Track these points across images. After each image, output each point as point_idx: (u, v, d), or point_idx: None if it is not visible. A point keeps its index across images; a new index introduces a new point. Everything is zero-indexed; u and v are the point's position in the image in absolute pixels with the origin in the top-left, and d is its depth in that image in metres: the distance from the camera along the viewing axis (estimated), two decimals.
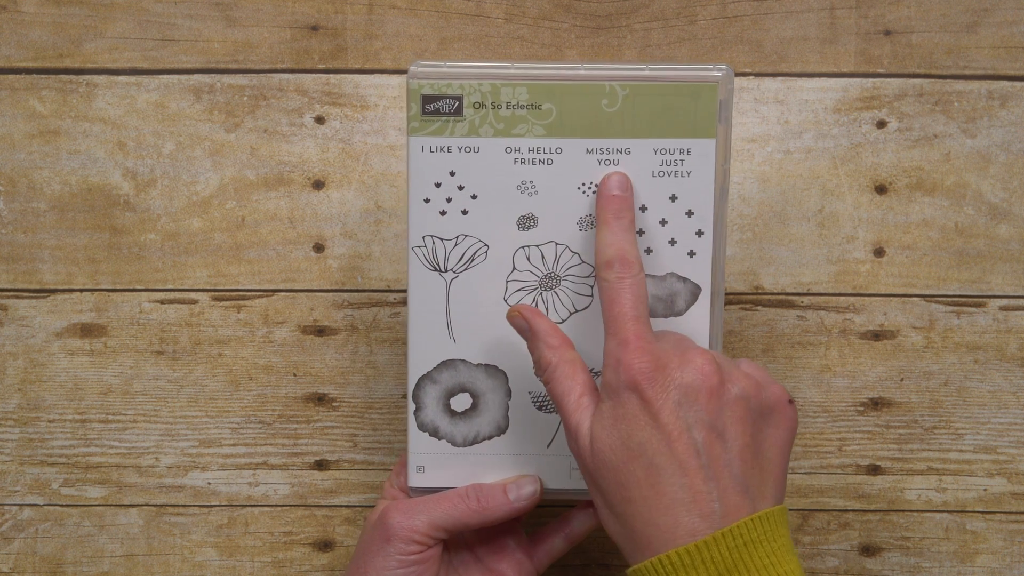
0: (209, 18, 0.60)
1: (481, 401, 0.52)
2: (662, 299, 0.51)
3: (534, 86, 0.49)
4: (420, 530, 0.49)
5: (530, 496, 0.51)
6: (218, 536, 0.62)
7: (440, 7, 0.60)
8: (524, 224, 0.50)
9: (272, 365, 0.61)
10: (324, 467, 0.62)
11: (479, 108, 0.49)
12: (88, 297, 0.61)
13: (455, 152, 0.50)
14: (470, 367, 0.51)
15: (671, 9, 0.60)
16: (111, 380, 0.61)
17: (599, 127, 0.49)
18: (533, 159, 0.50)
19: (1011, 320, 0.60)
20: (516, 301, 0.51)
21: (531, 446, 0.52)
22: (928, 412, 0.61)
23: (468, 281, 0.51)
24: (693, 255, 0.50)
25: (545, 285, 0.51)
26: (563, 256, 0.51)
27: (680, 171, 0.50)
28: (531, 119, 0.49)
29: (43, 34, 0.60)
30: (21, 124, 0.60)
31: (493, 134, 0.50)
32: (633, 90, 0.49)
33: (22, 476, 0.62)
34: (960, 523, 0.61)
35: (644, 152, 0.50)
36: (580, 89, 0.49)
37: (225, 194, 0.60)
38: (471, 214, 0.50)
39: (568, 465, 0.52)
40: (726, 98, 0.49)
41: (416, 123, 0.50)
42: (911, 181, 0.60)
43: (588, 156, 0.50)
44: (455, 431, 0.52)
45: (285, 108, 0.60)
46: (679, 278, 0.51)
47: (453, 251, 0.51)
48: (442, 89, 0.49)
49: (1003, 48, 0.60)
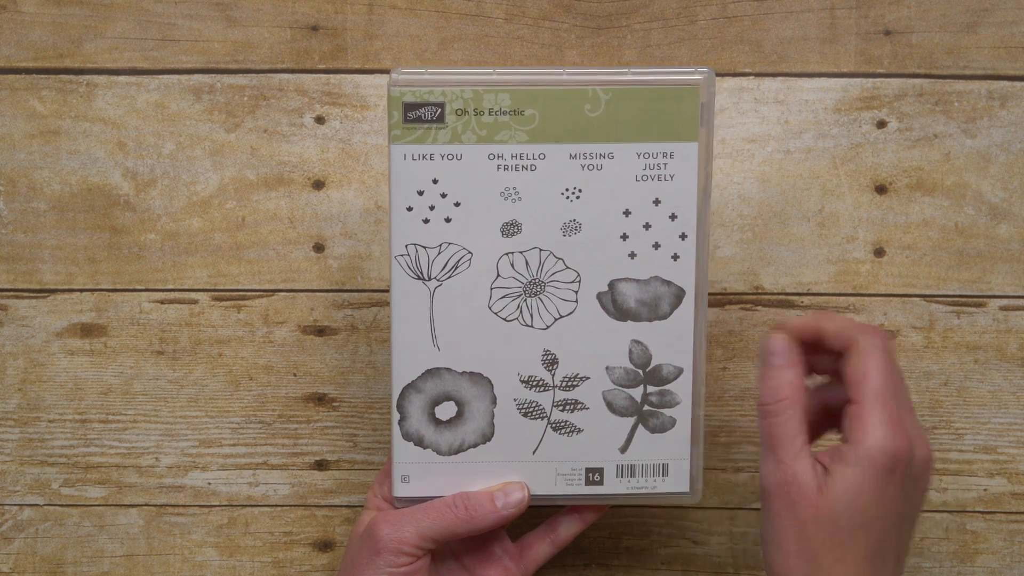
0: (209, 18, 0.60)
1: (466, 409, 0.52)
2: (646, 303, 0.51)
3: (516, 92, 0.49)
4: (409, 541, 0.49)
5: (517, 503, 0.51)
6: (218, 536, 0.62)
7: (440, 7, 0.60)
8: (508, 231, 0.50)
9: (272, 365, 0.61)
10: (324, 467, 0.62)
11: (461, 115, 0.49)
12: (88, 297, 0.61)
13: (438, 159, 0.50)
14: (455, 375, 0.51)
15: (671, 9, 0.60)
16: (111, 380, 0.61)
17: (582, 132, 0.49)
18: (516, 165, 0.50)
19: (1011, 320, 0.60)
20: (501, 308, 0.51)
21: (517, 453, 0.52)
22: (928, 412, 0.61)
23: (452, 289, 0.51)
24: (677, 258, 0.50)
25: (530, 291, 0.51)
26: (547, 262, 0.51)
27: (663, 174, 0.50)
28: (514, 125, 0.49)
29: (43, 34, 0.60)
30: (21, 124, 0.60)
31: (476, 141, 0.49)
32: (615, 95, 0.49)
33: (22, 476, 0.62)
34: (960, 523, 0.61)
35: (627, 156, 0.50)
36: (562, 94, 0.49)
37: (225, 194, 0.60)
38: (454, 221, 0.50)
39: (554, 471, 0.52)
40: (708, 101, 0.49)
41: (398, 131, 0.49)
42: (911, 181, 0.60)
43: (571, 161, 0.50)
44: (440, 440, 0.52)
45: (285, 108, 0.60)
46: (663, 281, 0.51)
47: (437, 259, 0.50)
48: (424, 96, 0.49)
49: (1003, 48, 0.60)
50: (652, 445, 0.52)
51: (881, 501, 0.46)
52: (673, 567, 0.62)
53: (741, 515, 0.62)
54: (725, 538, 0.62)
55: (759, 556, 0.62)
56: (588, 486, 0.52)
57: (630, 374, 0.51)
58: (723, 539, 0.62)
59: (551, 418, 0.52)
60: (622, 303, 0.51)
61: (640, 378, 0.51)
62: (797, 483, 0.46)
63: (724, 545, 0.62)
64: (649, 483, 0.52)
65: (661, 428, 0.52)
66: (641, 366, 0.51)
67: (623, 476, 0.52)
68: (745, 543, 0.62)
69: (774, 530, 0.46)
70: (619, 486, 0.52)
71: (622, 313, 0.51)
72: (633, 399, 0.52)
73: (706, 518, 0.62)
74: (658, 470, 0.52)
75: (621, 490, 0.52)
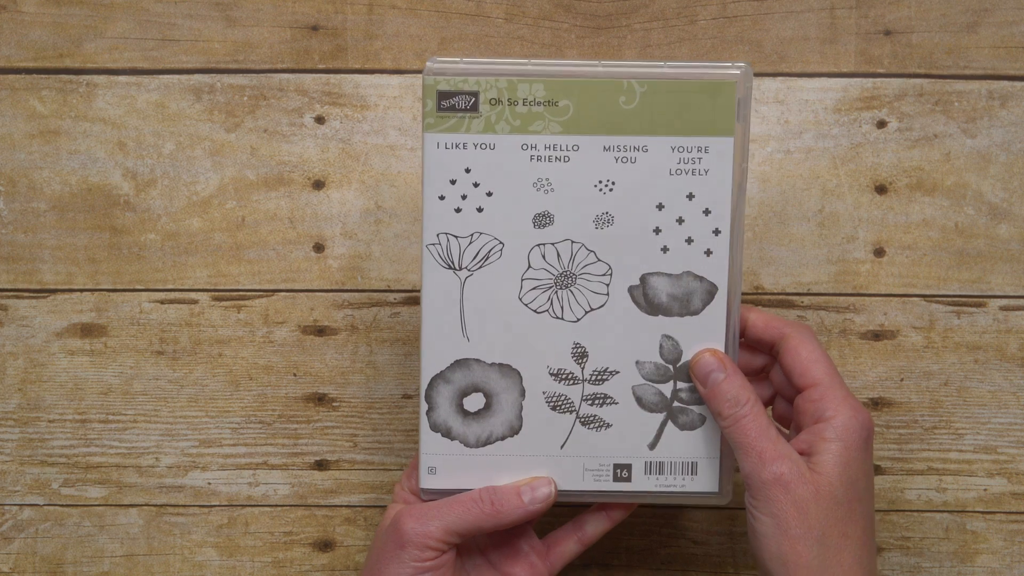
0: (209, 18, 0.60)
1: (494, 401, 0.51)
2: (678, 298, 0.50)
3: (551, 83, 0.49)
4: (434, 535, 0.49)
5: (545, 498, 0.50)
6: (218, 536, 0.62)
7: (440, 7, 0.60)
8: (540, 222, 0.50)
9: (272, 365, 0.61)
10: (324, 467, 0.62)
11: (495, 104, 0.49)
12: (88, 297, 0.61)
13: (471, 149, 0.49)
14: (484, 366, 0.51)
15: (671, 9, 0.60)
16: (111, 380, 0.61)
17: (616, 124, 0.49)
18: (549, 156, 0.49)
19: (1011, 320, 0.60)
20: (531, 300, 0.51)
21: (545, 447, 0.51)
22: (928, 412, 0.61)
23: (483, 279, 0.50)
24: (710, 254, 0.50)
25: (560, 283, 0.51)
26: (579, 254, 0.50)
27: (698, 169, 0.49)
28: (548, 116, 0.49)
29: (43, 34, 0.60)
30: (21, 124, 0.60)
31: (509, 131, 0.49)
32: (651, 87, 0.49)
33: (22, 476, 0.62)
34: (960, 523, 0.61)
35: (661, 150, 0.49)
36: (598, 86, 0.49)
37: (225, 194, 0.60)
38: (486, 211, 0.50)
39: (582, 466, 0.52)
40: (744, 96, 0.49)
41: (432, 119, 0.49)
42: (911, 181, 0.60)
43: (605, 153, 0.49)
44: (468, 431, 0.51)
45: (285, 108, 0.60)
46: (695, 277, 0.50)
47: (468, 249, 0.50)
48: (458, 85, 0.49)
49: (1003, 48, 0.60)
50: (682, 442, 0.51)
51: (865, 473, 0.47)
52: (673, 567, 0.62)
53: (741, 515, 0.62)
54: (725, 538, 0.62)
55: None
56: (616, 482, 0.52)
57: (660, 369, 0.51)
58: (723, 539, 0.62)
59: (580, 412, 0.51)
60: (653, 297, 0.51)
61: (671, 374, 0.51)
62: (789, 467, 0.47)
63: (724, 545, 0.62)
64: (678, 481, 0.52)
65: (691, 425, 0.51)
66: (672, 361, 0.51)
67: (651, 473, 0.52)
68: (745, 543, 0.62)
69: (773, 520, 0.46)
70: (647, 483, 0.52)
71: (653, 307, 0.51)
72: (663, 395, 0.51)
73: (706, 518, 0.62)
74: (687, 468, 0.52)
75: (649, 487, 0.52)
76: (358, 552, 0.62)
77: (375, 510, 0.62)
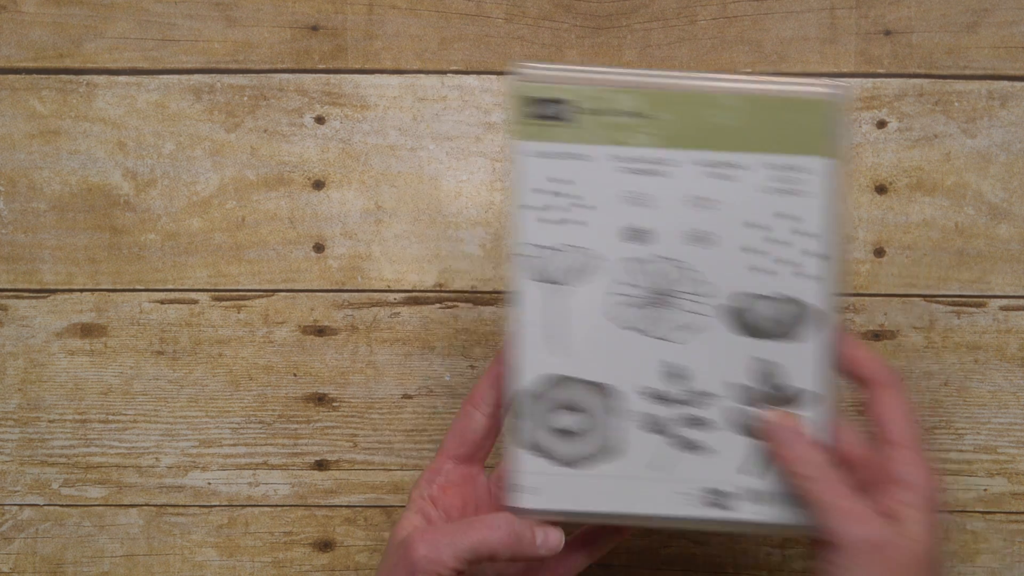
0: (209, 18, 0.60)
1: (584, 419, 0.49)
2: (774, 320, 0.48)
3: (646, 94, 0.47)
4: (447, 564, 0.47)
5: (554, 546, 0.49)
6: (218, 536, 0.62)
7: (440, 7, 0.60)
8: (632, 236, 0.48)
9: (272, 365, 0.61)
10: (324, 467, 0.62)
11: (588, 114, 0.47)
12: (88, 297, 0.61)
13: (561, 158, 0.48)
14: (573, 383, 0.49)
15: (671, 9, 0.60)
16: (111, 380, 0.61)
17: (712, 139, 0.47)
18: (642, 169, 0.48)
19: (1011, 320, 0.60)
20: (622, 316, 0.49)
21: (634, 468, 0.49)
22: (928, 412, 0.61)
23: (573, 293, 0.48)
24: (810, 278, 0.48)
25: (653, 301, 0.49)
26: (672, 272, 0.48)
27: (794, 188, 0.47)
28: (641, 128, 0.47)
29: (43, 34, 0.60)
30: (21, 124, 0.60)
31: (601, 141, 0.47)
32: (749, 103, 0.47)
33: (22, 476, 0.62)
34: (960, 523, 0.61)
35: (757, 167, 0.47)
36: (694, 99, 0.47)
37: (225, 194, 0.60)
38: (577, 223, 0.48)
39: (672, 490, 0.49)
40: (844, 116, 0.47)
41: (521, 127, 0.47)
42: (911, 181, 0.60)
43: (699, 169, 0.47)
44: (558, 450, 0.49)
45: (285, 108, 0.60)
46: (791, 300, 0.48)
47: (558, 261, 0.48)
48: (549, 93, 0.47)
49: (1003, 48, 0.60)
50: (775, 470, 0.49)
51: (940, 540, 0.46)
52: (673, 567, 0.62)
53: None
54: (725, 538, 0.62)
55: (759, 556, 0.62)
56: (707, 508, 0.49)
57: (755, 393, 0.49)
58: (723, 539, 0.62)
59: (671, 433, 0.49)
60: (749, 319, 0.49)
61: (766, 398, 0.49)
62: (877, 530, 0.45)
63: (724, 545, 0.62)
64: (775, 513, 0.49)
65: None
66: (767, 386, 0.49)
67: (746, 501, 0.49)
68: (745, 543, 0.62)
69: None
70: (743, 511, 0.49)
71: (748, 329, 0.49)
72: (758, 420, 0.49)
73: None
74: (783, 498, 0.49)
75: (745, 516, 0.49)
76: (358, 552, 0.62)
77: (375, 510, 0.62)
